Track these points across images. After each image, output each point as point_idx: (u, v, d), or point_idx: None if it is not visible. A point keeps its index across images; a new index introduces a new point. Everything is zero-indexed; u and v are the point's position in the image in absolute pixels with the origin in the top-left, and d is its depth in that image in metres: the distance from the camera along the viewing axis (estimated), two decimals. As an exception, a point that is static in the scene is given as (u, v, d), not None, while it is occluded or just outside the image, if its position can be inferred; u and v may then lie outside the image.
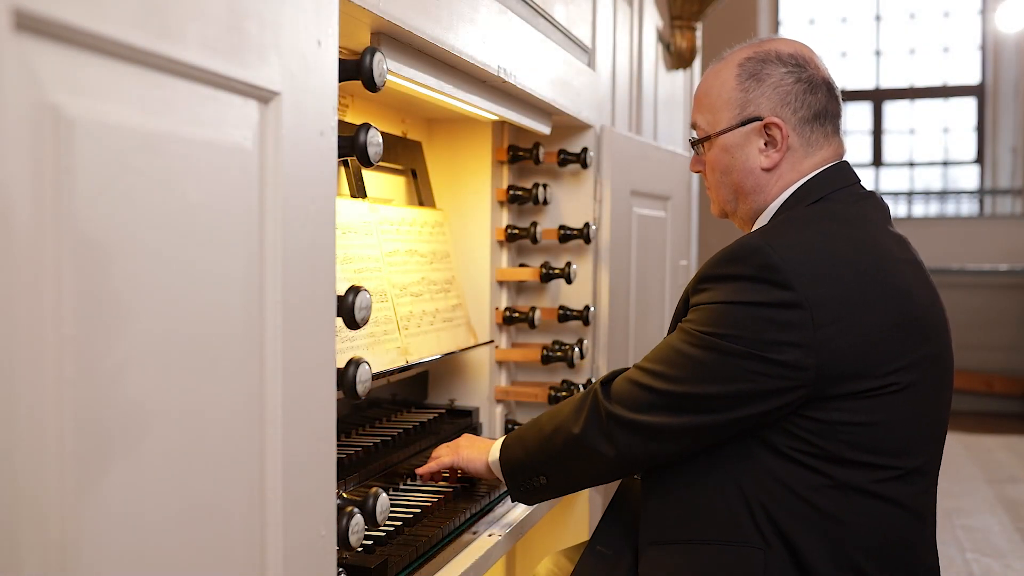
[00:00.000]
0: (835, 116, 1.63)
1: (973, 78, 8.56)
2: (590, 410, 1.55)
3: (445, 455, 1.81)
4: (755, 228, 1.63)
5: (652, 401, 1.49)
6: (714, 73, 1.67)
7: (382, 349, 1.80)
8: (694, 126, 1.70)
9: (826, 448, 1.43)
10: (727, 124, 1.62)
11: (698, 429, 1.47)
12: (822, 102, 1.60)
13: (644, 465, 1.56)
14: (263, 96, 0.95)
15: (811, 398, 1.42)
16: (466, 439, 1.84)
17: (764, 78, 1.59)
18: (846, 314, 1.41)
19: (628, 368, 1.59)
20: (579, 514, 2.40)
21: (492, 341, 2.30)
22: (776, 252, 1.42)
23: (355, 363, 1.23)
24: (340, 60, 1.10)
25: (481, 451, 1.76)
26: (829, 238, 1.48)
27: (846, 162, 1.63)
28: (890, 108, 8.79)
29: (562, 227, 2.34)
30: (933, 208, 8.66)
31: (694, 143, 1.70)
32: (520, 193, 2.33)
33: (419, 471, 1.83)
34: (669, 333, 1.62)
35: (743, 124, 1.61)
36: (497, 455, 1.71)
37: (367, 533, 1.32)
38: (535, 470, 1.64)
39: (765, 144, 1.60)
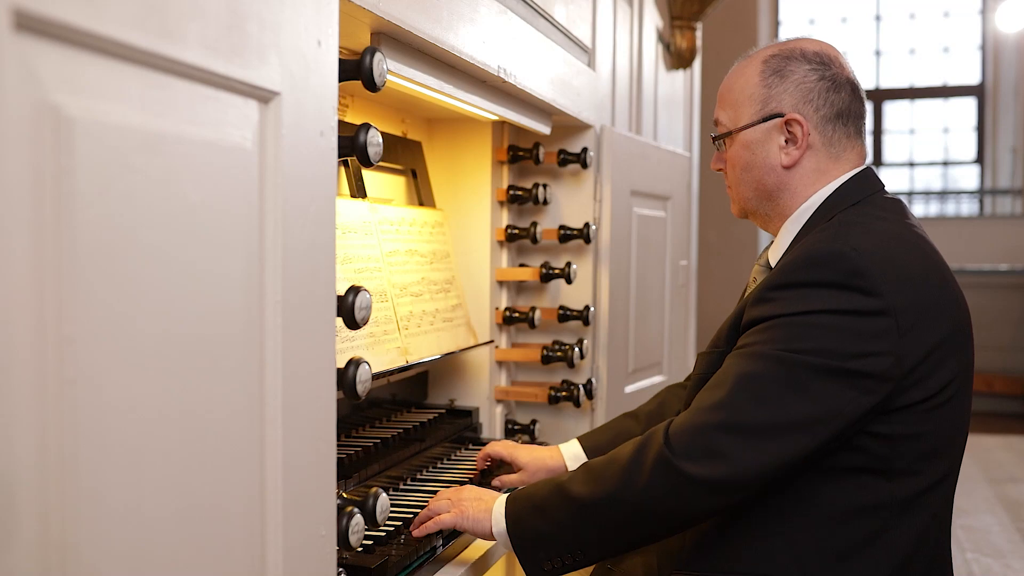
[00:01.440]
0: (858, 117, 1.60)
1: (973, 78, 8.56)
2: (655, 472, 1.37)
3: (445, 512, 1.55)
4: (784, 231, 1.59)
5: (730, 443, 1.34)
6: (739, 69, 1.64)
7: (382, 349, 1.80)
8: (716, 123, 1.67)
9: (879, 463, 1.39)
10: (748, 120, 1.60)
11: (784, 466, 1.35)
12: (845, 101, 1.57)
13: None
14: (263, 96, 0.95)
15: (877, 411, 1.37)
16: (469, 490, 1.58)
17: (788, 75, 1.57)
18: (920, 322, 1.37)
19: (684, 412, 1.43)
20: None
21: (492, 341, 2.30)
22: (861, 257, 1.36)
23: (355, 363, 1.23)
24: (340, 60, 1.10)
25: (486, 511, 1.52)
26: (898, 242, 1.44)
27: (871, 168, 1.60)
28: (890, 108, 8.79)
29: (562, 227, 2.34)
30: (933, 208, 8.66)
31: (715, 139, 1.67)
32: (520, 193, 2.33)
33: (415, 531, 1.55)
34: (709, 349, 1.56)
35: (764, 120, 1.58)
36: (504, 525, 1.48)
37: (367, 533, 1.32)
38: (565, 547, 1.44)
39: (786, 141, 1.57)
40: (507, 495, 1.54)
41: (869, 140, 9.01)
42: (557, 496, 1.45)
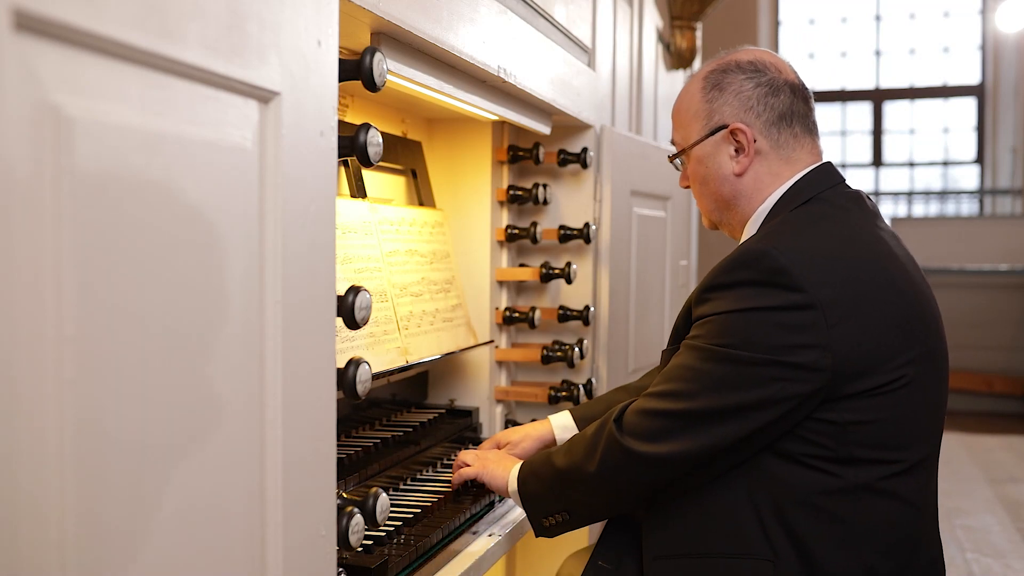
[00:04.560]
0: (803, 116, 1.65)
1: (973, 78, 8.56)
2: (606, 448, 1.53)
3: (471, 465, 1.79)
4: (745, 234, 1.66)
5: (669, 426, 1.48)
6: (684, 90, 1.73)
7: (382, 349, 1.80)
8: (673, 143, 1.76)
9: (837, 449, 1.44)
10: (697, 136, 1.67)
11: (719, 447, 1.46)
12: (785, 103, 1.62)
13: (669, 489, 1.56)
14: (263, 96, 0.95)
15: (824, 399, 1.43)
16: (495, 453, 1.83)
17: (726, 87, 1.64)
18: (855, 312, 1.42)
19: (639, 397, 1.57)
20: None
21: (492, 341, 2.30)
22: (782, 255, 1.43)
23: (355, 363, 1.23)
24: (340, 60, 1.10)
25: (505, 470, 1.74)
26: (830, 238, 1.50)
27: (830, 163, 1.65)
28: (890, 108, 8.79)
29: (562, 227, 2.34)
30: (933, 208, 8.66)
31: (672, 159, 1.76)
32: (520, 193, 2.33)
33: (453, 482, 1.81)
34: (669, 345, 1.63)
35: (712, 134, 1.65)
36: (516, 485, 1.69)
37: (367, 533, 1.32)
38: (554, 507, 1.63)
39: (736, 151, 1.63)
40: (524, 461, 1.72)
41: (869, 140, 8.92)
42: (545, 464, 1.65)
